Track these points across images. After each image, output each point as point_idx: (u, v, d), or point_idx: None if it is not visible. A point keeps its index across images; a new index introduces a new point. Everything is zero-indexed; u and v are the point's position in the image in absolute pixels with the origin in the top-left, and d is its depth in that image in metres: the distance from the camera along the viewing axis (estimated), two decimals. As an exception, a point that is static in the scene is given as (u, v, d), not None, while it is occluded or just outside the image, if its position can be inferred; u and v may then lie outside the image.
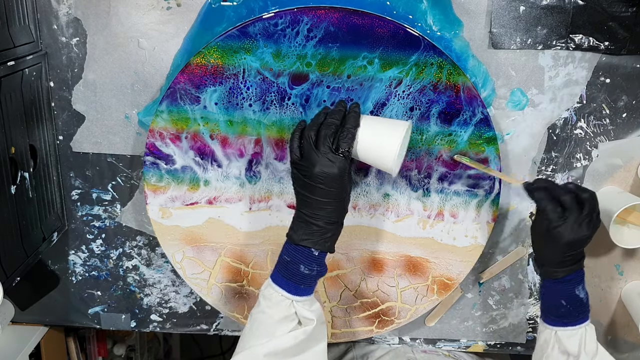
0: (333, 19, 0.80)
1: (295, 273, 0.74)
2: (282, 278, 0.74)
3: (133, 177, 0.96)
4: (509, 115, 0.90)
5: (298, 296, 0.74)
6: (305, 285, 0.74)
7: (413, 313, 0.97)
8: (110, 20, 0.87)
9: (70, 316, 1.06)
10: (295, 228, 0.75)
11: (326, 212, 0.73)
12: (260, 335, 0.73)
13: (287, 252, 0.75)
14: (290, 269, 0.74)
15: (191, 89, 0.83)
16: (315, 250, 0.73)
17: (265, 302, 0.75)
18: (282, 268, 0.75)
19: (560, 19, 0.85)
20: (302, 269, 0.73)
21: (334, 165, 0.72)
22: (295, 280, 0.74)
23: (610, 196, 0.92)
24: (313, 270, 0.74)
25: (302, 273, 0.73)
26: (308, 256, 0.73)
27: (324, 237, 0.74)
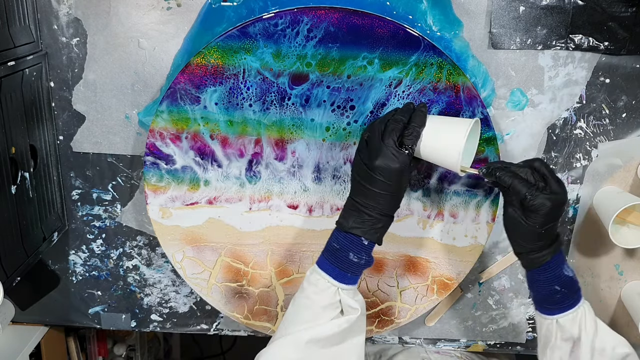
0: (333, 19, 0.80)
1: (343, 260, 0.74)
2: (329, 264, 0.75)
3: (133, 177, 0.96)
4: (509, 116, 0.91)
5: (344, 284, 0.74)
6: (352, 274, 0.75)
7: (413, 313, 0.97)
8: (110, 21, 0.87)
9: (71, 316, 1.06)
10: (346, 216, 0.75)
11: (380, 204, 0.74)
12: (303, 320, 0.73)
13: (336, 240, 0.75)
14: (338, 256, 0.74)
15: (191, 89, 0.83)
16: (365, 239, 0.74)
17: (311, 287, 0.75)
18: (330, 255, 0.75)
19: (560, 19, 0.85)
20: (351, 256, 0.74)
21: (397, 160, 0.72)
22: (343, 267, 0.74)
23: (610, 196, 0.92)
24: (362, 259, 0.74)
25: (351, 261, 0.74)
26: (358, 244, 0.74)
27: (375, 227, 0.74)
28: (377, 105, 0.85)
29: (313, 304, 0.74)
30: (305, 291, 0.75)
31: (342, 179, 0.89)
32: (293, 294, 0.95)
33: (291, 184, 0.89)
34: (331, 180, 0.89)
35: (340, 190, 0.90)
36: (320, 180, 0.89)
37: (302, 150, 0.87)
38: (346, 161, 0.88)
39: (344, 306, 0.74)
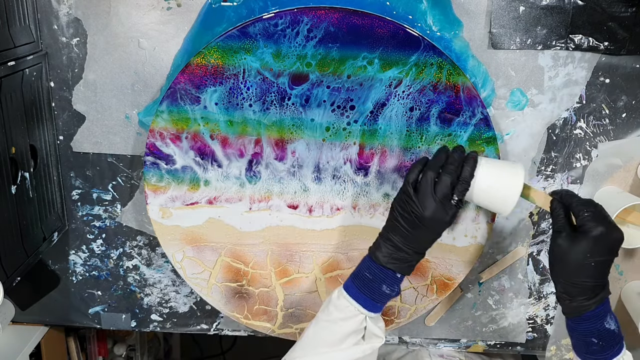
0: (333, 19, 0.80)
1: (375, 291, 0.75)
2: (359, 293, 0.76)
3: (133, 177, 0.96)
4: (509, 116, 0.91)
5: (372, 312, 0.76)
6: (380, 303, 0.76)
7: (413, 313, 0.97)
8: (110, 21, 0.87)
9: (71, 316, 1.06)
10: (382, 249, 0.76)
11: (419, 246, 0.76)
12: (326, 343, 0.75)
13: (370, 270, 0.76)
14: (371, 287, 0.75)
15: (191, 89, 0.83)
16: (398, 273, 0.75)
17: (338, 312, 0.76)
18: (362, 284, 0.76)
19: (560, 19, 0.85)
20: (384, 288, 0.75)
21: (447, 214, 0.74)
22: (373, 297, 0.76)
23: (610, 196, 0.92)
24: (394, 291, 0.76)
25: (383, 292, 0.76)
26: (392, 278, 0.75)
27: (410, 263, 0.76)
28: (377, 105, 0.85)
29: (338, 329, 0.75)
30: (332, 315, 0.77)
31: (342, 179, 0.89)
32: (293, 293, 0.95)
33: (291, 184, 0.89)
34: (331, 180, 0.89)
35: (340, 190, 0.90)
36: (320, 180, 0.89)
37: (302, 150, 0.87)
38: (346, 161, 0.88)
39: (367, 333, 0.76)
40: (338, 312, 0.76)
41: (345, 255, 0.93)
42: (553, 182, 0.95)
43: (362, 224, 0.92)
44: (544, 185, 0.94)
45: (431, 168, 0.75)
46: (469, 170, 0.75)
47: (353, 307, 0.76)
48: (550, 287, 1.01)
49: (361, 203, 0.90)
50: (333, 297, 0.78)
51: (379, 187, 0.89)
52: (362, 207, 0.91)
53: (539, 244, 0.98)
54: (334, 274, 0.95)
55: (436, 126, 0.85)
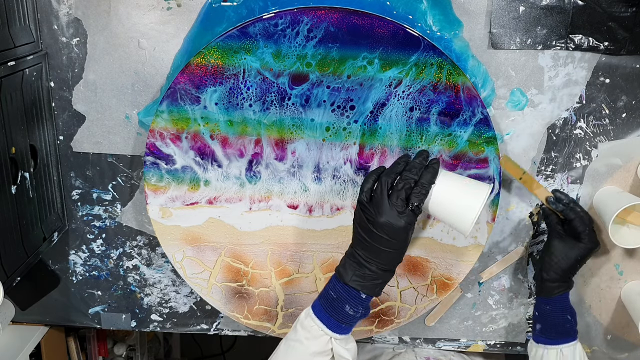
0: (333, 19, 0.80)
1: (339, 311, 0.73)
2: (324, 313, 0.74)
3: (133, 177, 0.96)
4: (509, 115, 0.91)
5: (338, 334, 0.74)
6: (346, 325, 0.74)
7: (413, 313, 0.97)
8: (110, 21, 0.87)
9: (71, 316, 1.06)
10: (346, 266, 0.74)
11: (382, 259, 0.72)
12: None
13: (334, 289, 0.74)
14: (335, 306, 0.73)
15: (191, 89, 0.84)
16: (363, 293, 0.73)
17: (304, 332, 0.75)
18: (326, 303, 0.74)
19: (560, 19, 0.85)
20: (347, 309, 0.73)
21: (401, 219, 0.70)
22: (337, 318, 0.73)
23: (610, 196, 0.92)
24: (358, 312, 0.73)
25: (347, 313, 0.73)
26: (355, 298, 0.73)
27: (375, 282, 0.73)
28: (377, 105, 0.85)
29: (304, 349, 0.74)
30: (298, 334, 0.75)
31: (342, 179, 0.89)
32: (293, 293, 0.95)
33: (291, 184, 0.89)
34: (331, 180, 0.89)
35: (340, 190, 0.90)
36: (320, 180, 0.89)
37: (302, 150, 0.87)
38: (346, 161, 0.88)
39: (335, 354, 0.75)
40: (304, 331, 0.74)
41: (345, 255, 0.93)
42: (553, 182, 0.95)
43: (362, 224, 0.92)
44: (544, 185, 0.94)
45: (387, 174, 0.73)
46: (427, 177, 0.72)
47: (318, 327, 0.74)
48: (550, 287, 1.01)
49: (361, 203, 0.90)
50: (301, 316, 0.76)
51: (379, 187, 0.89)
52: (362, 207, 0.91)
53: (539, 244, 0.98)
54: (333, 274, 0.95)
55: (436, 126, 0.85)
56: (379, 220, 0.71)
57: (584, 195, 0.95)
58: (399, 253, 0.73)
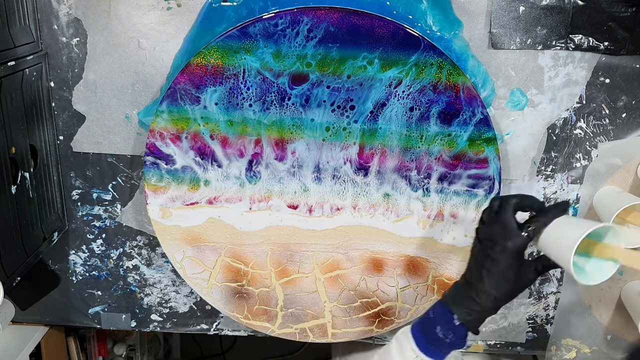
0: (333, 19, 0.80)
1: (430, 332, 0.70)
2: (419, 332, 0.72)
3: (133, 177, 0.96)
4: (509, 115, 0.91)
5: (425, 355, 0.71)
6: (434, 348, 0.70)
7: (413, 313, 0.97)
8: (110, 21, 0.87)
9: (71, 316, 1.06)
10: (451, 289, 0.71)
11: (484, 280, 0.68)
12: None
13: (434, 310, 0.72)
14: (428, 326, 0.71)
15: (191, 89, 0.84)
16: (457, 319, 0.69)
17: (397, 344, 0.74)
18: (422, 322, 0.72)
19: (560, 19, 0.85)
20: (437, 330, 0.70)
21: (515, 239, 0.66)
22: (427, 339, 0.71)
23: (610, 196, 0.92)
24: (447, 337, 0.69)
25: (436, 335, 0.70)
26: (447, 320, 0.69)
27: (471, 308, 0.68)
28: (377, 105, 0.85)
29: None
30: (391, 345, 0.74)
31: (342, 179, 0.89)
32: (293, 294, 0.95)
33: (291, 184, 0.89)
34: (331, 180, 0.89)
35: (340, 190, 0.90)
36: (320, 180, 0.89)
37: (302, 150, 0.87)
38: (346, 161, 0.88)
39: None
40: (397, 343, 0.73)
41: (345, 255, 0.93)
42: (553, 182, 0.95)
43: (362, 224, 0.92)
44: (544, 185, 0.94)
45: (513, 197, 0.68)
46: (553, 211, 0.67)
47: (409, 344, 0.71)
48: (550, 287, 1.01)
49: (361, 203, 0.90)
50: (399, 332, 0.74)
51: (379, 187, 0.89)
52: (362, 207, 0.91)
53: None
54: (334, 274, 0.95)
55: (436, 126, 0.85)
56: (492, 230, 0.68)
57: (584, 195, 0.95)
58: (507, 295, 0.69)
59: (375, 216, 0.91)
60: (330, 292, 0.96)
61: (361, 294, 0.96)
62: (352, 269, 0.94)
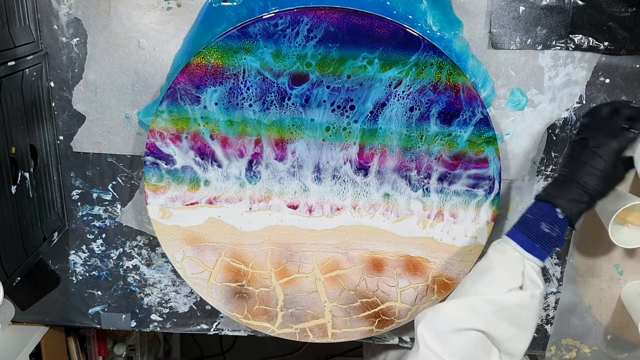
0: (333, 19, 0.80)
1: (533, 229, 0.73)
2: (518, 233, 0.73)
3: (133, 177, 0.96)
4: (509, 116, 0.91)
5: (531, 255, 0.72)
6: (540, 246, 0.72)
7: (413, 313, 0.97)
8: (110, 21, 0.87)
9: (71, 316, 1.06)
10: (547, 188, 0.75)
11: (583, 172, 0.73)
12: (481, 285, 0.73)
13: (531, 211, 0.74)
14: (529, 225, 0.73)
15: (191, 89, 0.84)
16: (560, 212, 0.72)
17: (494, 254, 0.74)
18: (521, 225, 0.74)
19: (560, 19, 0.85)
20: (543, 226, 0.72)
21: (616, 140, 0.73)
22: (532, 236, 0.72)
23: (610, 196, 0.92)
24: (554, 230, 0.72)
25: (542, 231, 0.72)
26: (552, 215, 0.72)
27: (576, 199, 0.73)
28: (377, 105, 0.85)
29: (494, 270, 0.73)
30: (489, 257, 0.75)
31: (342, 179, 0.89)
32: (293, 294, 0.95)
33: (291, 184, 0.89)
34: (331, 180, 0.89)
35: (340, 190, 0.90)
36: (320, 180, 0.89)
37: (302, 150, 0.87)
38: (346, 161, 0.88)
39: (525, 280, 0.72)
40: (495, 254, 0.74)
41: (345, 255, 0.93)
42: (553, 182, 0.94)
43: (362, 224, 0.92)
44: (544, 186, 0.94)
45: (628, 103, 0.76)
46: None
47: (510, 246, 0.73)
48: (550, 288, 1.01)
49: (361, 203, 0.90)
50: (493, 243, 0.76)
51: (379, 187, 0.89)
52: (362, 207, 0.91)
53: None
54: (333, 274, 0.95)
55: (436, 126, 0.85)
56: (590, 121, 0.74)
57: (584, 195, 0.95)
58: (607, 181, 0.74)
59: (375, 216, 0.91)
60: (330, 292, 0.96)
61: (361, 294, 0.96)
62: (352, 269, 0.94)
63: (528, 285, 0.72)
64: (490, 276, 0.73)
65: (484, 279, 0.74)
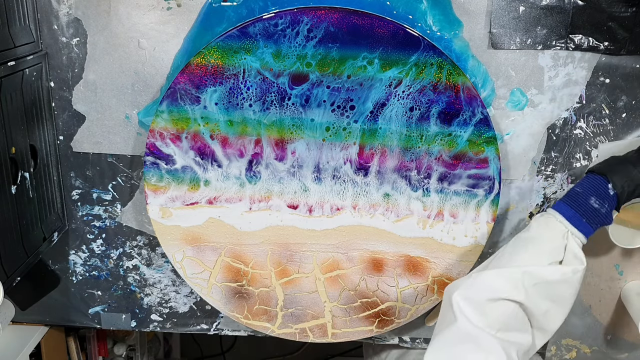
0: (333, 19, 0.80)
1: (581, 203, 0.69)
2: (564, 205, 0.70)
3: (133, 177, 0.96)
4: (509, 116, 0.91)
5: (576, 229, 0.69)
6: (587, 220, 0.69)
7: (413, 313, 0.97)
8: (110, 21, 0.87)
9: (71, 316, 1.06)
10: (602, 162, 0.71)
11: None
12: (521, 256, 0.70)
13: (581, 185, 0.71)
14: (578, 200, 0.70)
15: (191, 89, 0.84)
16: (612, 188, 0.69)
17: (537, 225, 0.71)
18: (569, 198, 0.71)
19: (560, 19, 0.85)
20: (593, 201, 0.69)
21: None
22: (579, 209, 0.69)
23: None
24: (603, 206, 0.69)
25: (591, 206, 0.69)
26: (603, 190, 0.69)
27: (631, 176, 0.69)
28: (377, 105, 0.85)
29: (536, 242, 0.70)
30: (531, 229, 0.71)
31: (342, 179, 0.89)
32: (293, 294, 0.95)
33: (291, 184, 0.89)
34: (331, 180, 0.89)
35: (340, 190, 0.90)
36: (320, 180, 0.89)
37: (302, 150, 0.87)
38: (346, 161, 0.88)
39: (567, 254, 0.69)
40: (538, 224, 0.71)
41: (345, 255, 0.93)
42: (553, 182, 0.95)
43: (362, 224, 0.92)
44: (544, 185, 0.94)
45: None
46: None
47: (555, 218, 0.69)
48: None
49: (361, 203, 0.90)
50: (536, 215, 0.73)
51: (379, 187, 0.89)
52: (362, 207, 0.91)
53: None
54: (333, 274, 0.95)
55: (436, 126, 0.85)
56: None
57: (584, 195, 0.95)
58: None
59: (375, 216, 0.91)
60: (330, 292, 0.96)
61: (361, 294, 0.96)
62: (352, 269, 0.94)
63: (570, 261, 0.69)
64: (531, 248, 0.70)
65: (525, 250, 0.70)
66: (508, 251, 0.73)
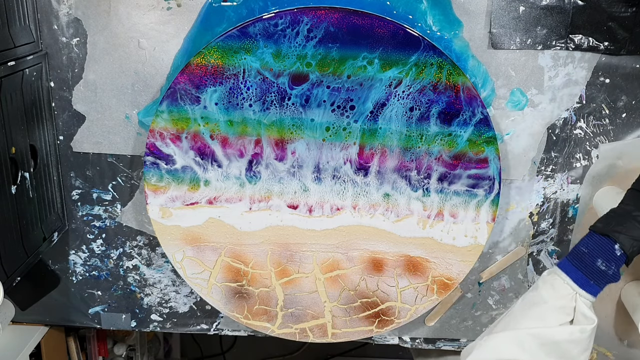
0: (333, 19, 0.80)
1: (588, 265, 0.69)
2: (571, 266, 0.70)
3: (133, 177, 0.96)
4: (509, 116, 0.91)
5: (584, 291, 0.69)
6: (594, 282, 0.69)
7: (413, 313, 0.97)
8: (110, 21, 0.87)
9: (71, 316, 1.06)
10: (607, 221, 0.70)
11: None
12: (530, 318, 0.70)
13: (586, 244, 0.70)
14: (584, 260, 0.69)
15: (191, 89, 0.84)
16: (619, 249, 0.68)
17: (545, 286, 0.71)
18: (575, 258, 0.70)
19: (560, 19, 0.85)
20: (599, 263, 0.68)
21: None
22: (586, 272, 0.69)
23: (610, 196, 0.92)
24: (610, 269, 0.68)
25: (597, 268, 0.68)
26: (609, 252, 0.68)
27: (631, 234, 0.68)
28: (377, 105, 0.85)
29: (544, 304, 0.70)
30: (539, 290, 0.72)
31: (342, 179, 0.89)
32: (293, 294, 0.95)
33: (291, 184, 0.89)
34: (331, 180, 0.89)
35: (340, 191, 0.90)
36: (320, 180, 0.89)
37: (302, 150, 0.87)
38: (346, 161, 0.88)
39: (577, 314, 0.70)
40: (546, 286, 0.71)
41: (345, 255, 0.93)
42: (553, 182, 0.95)
43: (362, 224, 0.92)
44: (544, 185, 0.94)
45: None
46: None
47: (562, 280, 0.69)
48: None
49: (361, 203, 0.90)
50: (544, 274, 0.73)
51: (379, 187, 0.89)
52: (362, 207, 0.91)
53: (539, 244, 0.98)
54: (333, 274, 0.95)
55: (436, 126, 0.85)
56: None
57: (584, 195, 0.95)
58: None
59: (375, 216, 0.91)
60: (330, 292, 0.96)
61: (361, 294, 0.96)
62: (352, 269, 0.94)
63: (580, 320, 0.70)
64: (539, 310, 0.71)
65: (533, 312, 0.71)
66: (517, 313, 0.73)
